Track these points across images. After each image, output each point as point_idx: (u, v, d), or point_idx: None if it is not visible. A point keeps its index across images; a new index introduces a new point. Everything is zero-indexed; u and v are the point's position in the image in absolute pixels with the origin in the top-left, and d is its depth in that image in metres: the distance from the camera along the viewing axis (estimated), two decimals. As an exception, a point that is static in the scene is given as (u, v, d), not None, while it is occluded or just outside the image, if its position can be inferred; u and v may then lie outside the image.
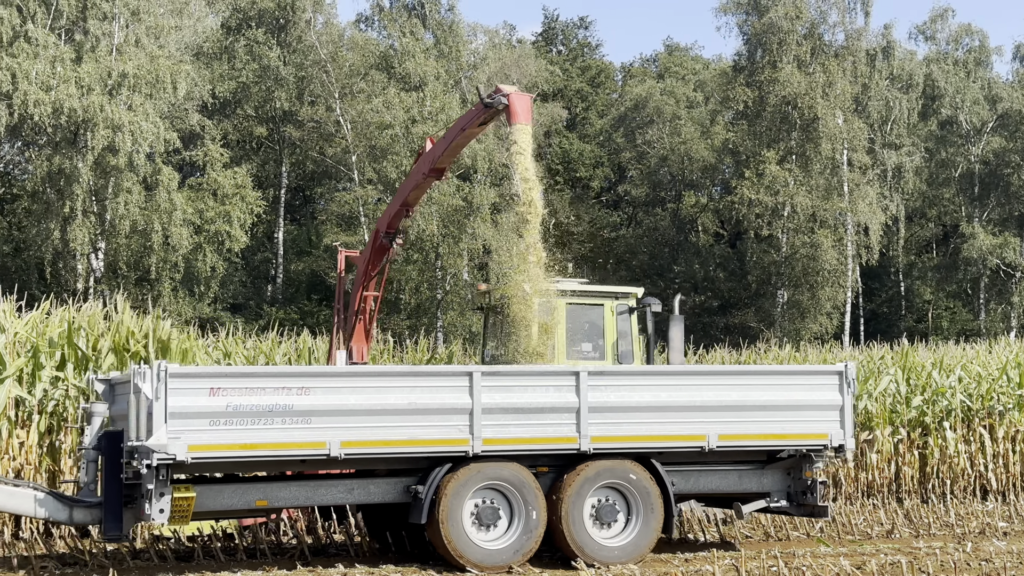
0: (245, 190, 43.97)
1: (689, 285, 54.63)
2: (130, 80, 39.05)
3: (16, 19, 38.43)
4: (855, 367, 15.16)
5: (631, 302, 17.83)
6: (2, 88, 37.14)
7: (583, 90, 64.39)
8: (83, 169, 38.58)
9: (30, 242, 41.28)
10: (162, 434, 12.52)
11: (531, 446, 13.89)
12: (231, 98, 49.98)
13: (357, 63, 48.47)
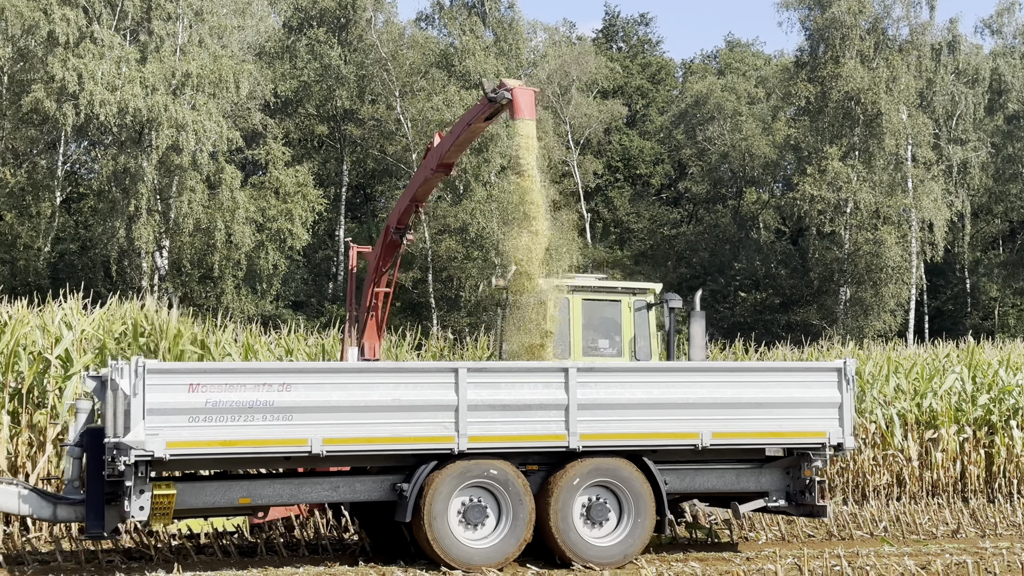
0: (307, 188, 44.29)
1: (750, 282, 54.30)
2: (193, 80, 39.48)
3: (82, 20, 38.98)
4: (854, 364, 14.70)
5: (649, 298, 17.57)
6: (69, 88, 37.67)
7: (643, 87, 64.18)
8: (148, 168, 39.06)
9: (96, 240, 41.84)
10: (140, 431, 12.35)
11: (518, 444, 13.60)
12: (293, 97, 50.35)
13: (417, 61, 48.64)
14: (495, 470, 13.50)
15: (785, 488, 14.79)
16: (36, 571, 13.52)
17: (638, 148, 59.99)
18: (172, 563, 13.79)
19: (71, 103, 37.95)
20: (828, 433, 14.37)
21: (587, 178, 54.44)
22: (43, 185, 42.01)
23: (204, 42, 41.31)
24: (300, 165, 46.37)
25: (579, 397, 13.70)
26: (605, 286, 17.78)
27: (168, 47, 40.46)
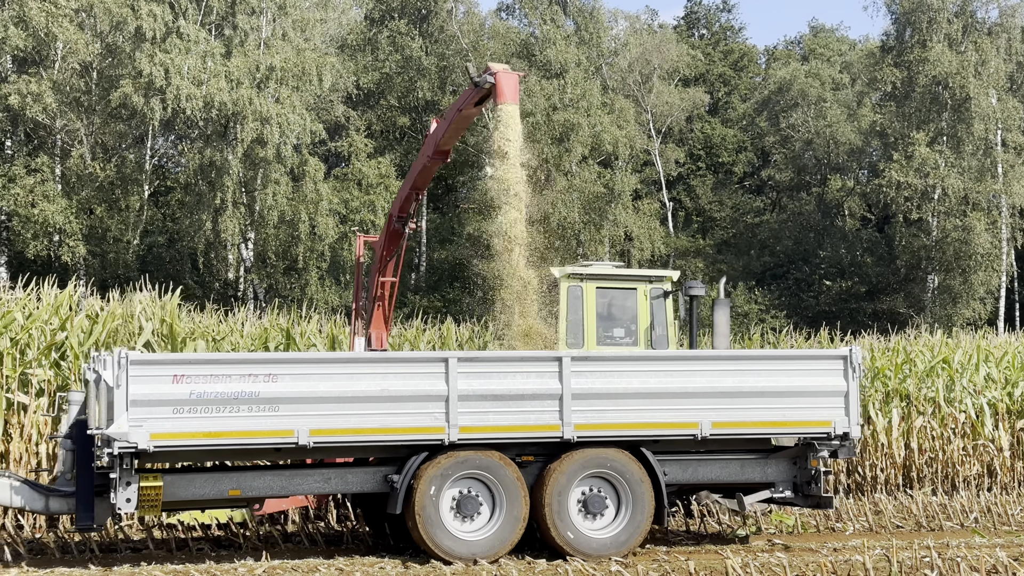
0: (389, 180, 44.56)
1: (835, 271, 53.64)
2: (277, 73, 39.89)
3: (168, 16, 39.54)
4: (860, 351, 14.30)
5: (666, 286, 17.31)
6: (156, 83, 38.25)
7: (725, 74, 63.65)
8: (233, 161, 39.56)
9: (183, 233, 42.46)
10: (123, 422, 12.29)
11: (511, 434, 13.38)
12: (375, 89, 50.66)
13: (498, 51, 48.66)
14: (488, 461, 13.31)
15: (792, 479, 14.46)
16: (128, 558, 13.76)
17: (720, 136, 59.51)
18: (260, 551, 13.97)
19: (158, 98, 38.53)
20: (833, 422, 14.03)
21: (669, 167, 54.13)
22: (132, 179, 42.71)
23: (287, 36, 41.71)
24: (382, 157, 46.66)
25: (573, 386, 13.46)
26: (620, 273, 17.48)
27: (252, 41, 40.92)
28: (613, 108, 47.86)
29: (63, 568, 12.99)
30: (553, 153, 45.23)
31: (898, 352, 22.83)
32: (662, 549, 14.33)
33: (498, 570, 12.77)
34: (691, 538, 15.61)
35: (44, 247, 40.45)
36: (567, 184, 45.29)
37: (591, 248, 45.73)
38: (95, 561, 13.40)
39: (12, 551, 13.89)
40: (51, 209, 39.51)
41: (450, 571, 12.71)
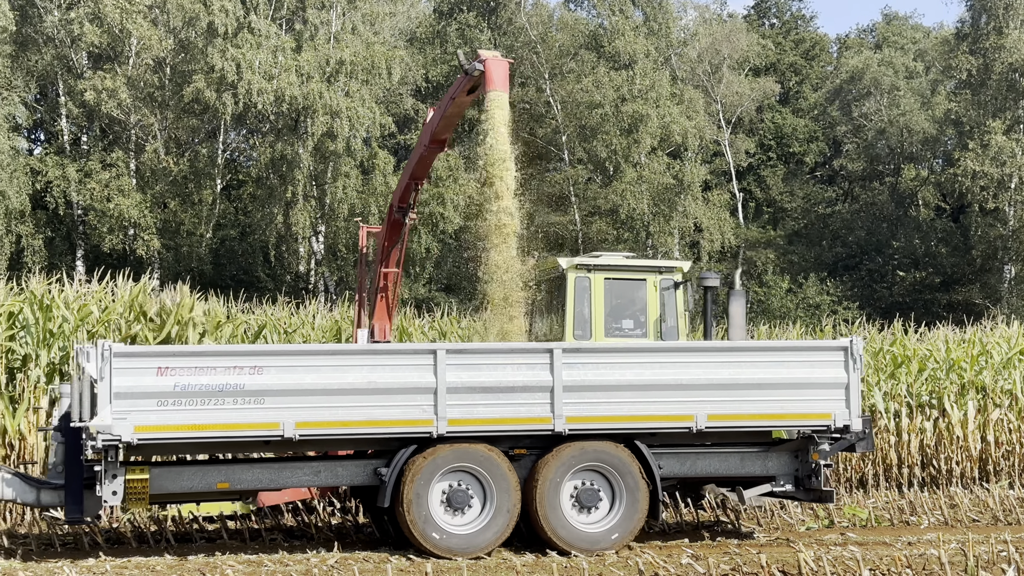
0: (458, 172, 44.63)
1: (909, 261, 52.94)
2: (347, 67, 40.13)
3: (240, 11, 39.92)
4: (861, 342, 14.01)
5: (677, 277, 17.17)
6: (228, 78, 38.64)
7: (796, 63, 63.00)
8: (303, 155, 39.87)
9: (255, 226, 42.88)
10: (106, 414, 12.29)
11: (501, 427, 13.24)
12: (443, 82, 50.75)
13: (566, 43, 48.57)
14: (478, 454, 13.18)
15: (793, 472, 14.19)
16: (203, 548, 13.91)
17: (791, 126, 58.93)
18: (333, 542, 14.07)
19: (230, 92, 38.92)
20: (834, 415, 13.78)
21: (739, 157, 53.71)
22: (204, 173, 43.19)
23: (357, 29, 41.93)
24: (451, 149, 46.75)
25: (565, 378, 13.30)
26: (629, 264, 17.32)
27: (322, 35, 41.18)
28: (682, 99, 47.57)
29: (139, 557, 13.18)
30: (622, 144, 45.06)
31: (974, 344, 22.50)
32: (733, 542, 14.25)
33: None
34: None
35: (119, 241, 41.05)
36: (636, 175, 45.10)
37: (660, 240, 45.52)
38: (171, 551, 13.58)
39: (90, 540, 14.12)
40: (126, 203, 40.08)
41: (520, 562, 12.71)
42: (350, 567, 12.37)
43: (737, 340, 16.38)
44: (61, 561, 12.88)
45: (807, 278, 50.22)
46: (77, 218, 42.85)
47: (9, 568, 12.58)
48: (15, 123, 41.04)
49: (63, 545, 14.17)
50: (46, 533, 14.87)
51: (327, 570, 12.39)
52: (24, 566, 12.67)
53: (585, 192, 47.54)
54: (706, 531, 15.36)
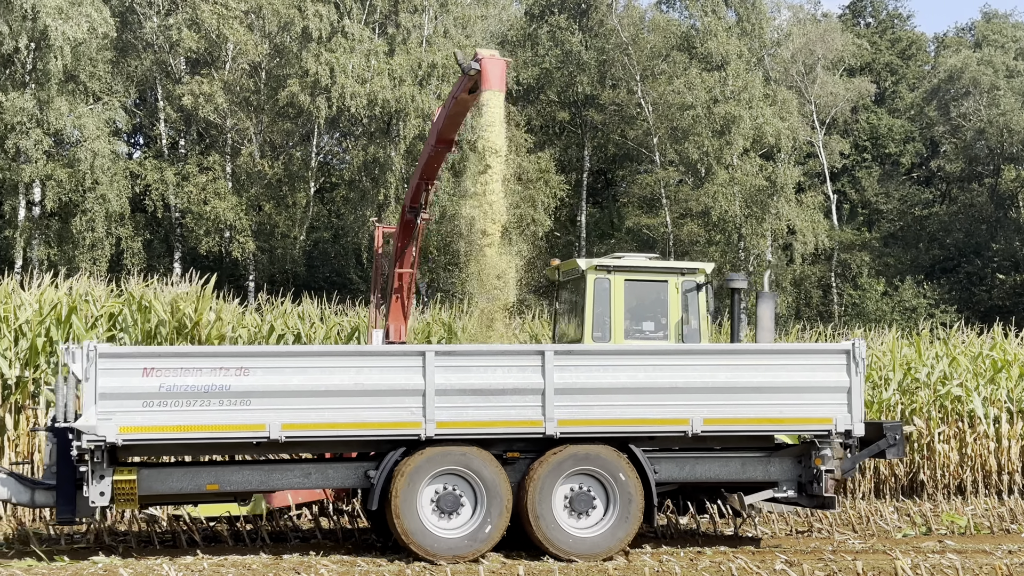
0: (548, 174, 44.67)
1: (1009, 264, 51.85)
2: (439, 70, 40.36)
3: (334, 16, 40.35)
4: (864, 345, 13.58)
5: (699, 278, 16.88)
6: (322, 82, 39.08)
7: (892, 63, 62.06)
8: (395, 157, 40.17)
9: (347, 228, 43.28)
10: (91, 415, 12.25)
11: (491, 430, 13.02)
12: (534, 84, 50.85)
13: (658, 44, 48.36)
14: (468, 457, 12.99)
15: (796, 478, 13.82)
16: (297, 547, 14.06)
17: (887, 126, 58.05)
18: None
19: (324, 96, 39.35)
20: (835, 419, 13.41)
21: (833, 158, 53.02)
22: (298, 176, 43.71)
23: (449, 32, 42.16)
24: (542, 151, 46.80)
25: (557, 381, 13.06)
26: (650, 265, 17.07)
27: (415, 39, 41.47)
28: (775, 100, 47.12)
29: (236, 556, 13.36)
30: (714, 146, 44.75)
31: (1077, 349, 21.98)
32: (827, 549, 14.07)
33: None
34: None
35: (215, 243, 41.71)
36: (728, 177, 44.75)
37: (752, 242, 45.12)
38: (266, 550, 13.74)
39: (187, 538, 14.35)
40: (222, 206, 40.72)
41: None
42: (442, 569, 12.42)
43: (764, 342, 16.15)
44: (160, 558, 13.10)
45: (903, 281, 49.43)
46: (175, 221, 43.62)
47: (110, 564, 12.83)
48: (115, 128, 41.90)
49: (162, 543, 14.42)
50: (145, 531, 15.14)
51: (419, 570, 12.46)
52: (124, 563, 12.92)
53: (676, 194, 47.28)
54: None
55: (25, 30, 37.05)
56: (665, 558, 13.19)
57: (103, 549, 13.82)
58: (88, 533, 14.75)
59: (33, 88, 38.13)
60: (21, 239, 38.74)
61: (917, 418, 21.49)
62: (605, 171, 56.46)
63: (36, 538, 14.53)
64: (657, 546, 14.10)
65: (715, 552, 13.83)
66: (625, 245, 48.19)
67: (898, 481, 21.28)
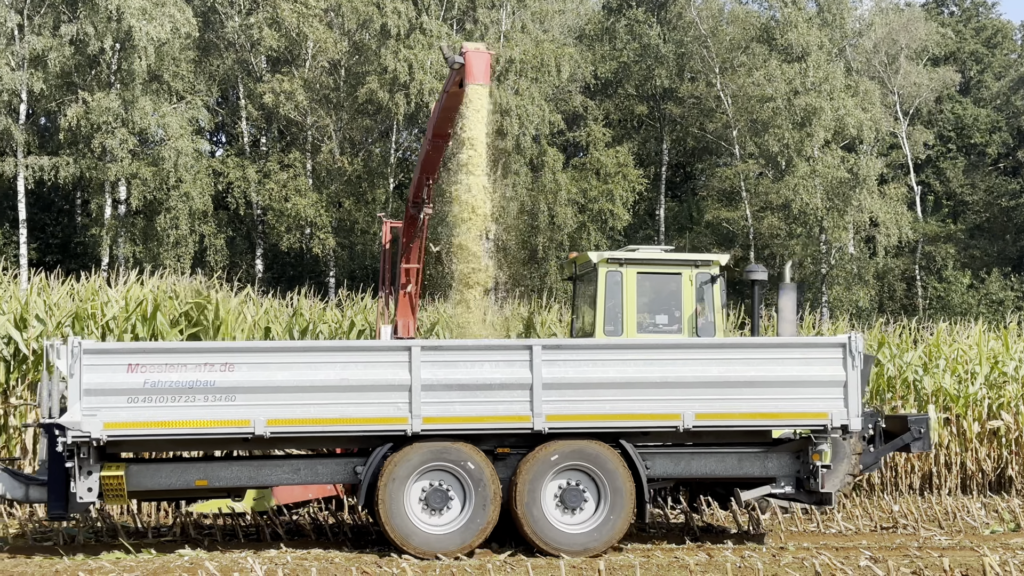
0: (627, 168, 44.52)
1: (1100, 256, 50.77)
2: (516, 65, 40.37)
3: (412, 12, 40.54)
4: (862, 339, 13.31)
5: (714, 271, 16.64)
6: (400, 79, 39.29)
7: (978, 52, 60.94)
8: (474, 153, 40.24)
9: (426, 224, 43.45)
10: (76, 411, 12.27)
11: (477, 425, 12.97)
12: (612, 78, 50.69)
13: (737, 36, 47.95)
14: (456, 453, 12.94)
15: (795, 474, 13.59)
16: (379, 541, 14.16)
17: (972, 116, 57.02)
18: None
19: (402, 93, 39.56)
20: (831, 414, 13.16)
21: (917, 149, 52.23)
22: (377, 172, 43.99)
23: (526, 28, 42.16)
24: (620, 145, 46.65)
25: (545, 376, 12.95)
26: (663, 258, 16.90)
27: (492, 34, 41.51)
28: (857, 91, 46.49)
29: (318, 549, 13.49)
30: (794, 138, 44.27)
31: None
32: (913, 545, 13.88)
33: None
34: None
35: (296, 240, 42.12)
36: (809, 170, 44.25)
37: (834, 235, 44.60)
38: (348, 545, 13.86)
39: (271, 532, 14.52)
40: (303, 203, 41.10)
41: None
42: (522, 563, 12.43)
43: (786, 334, 15.99)
44: (244, 552, 13.27)
45: (989, 273, 48.55)
46: (256, 218, 44.12)
47: (196, 557, 13.03)
48: (198, 126, 42.48)
49: (246, 536, 14.60)
50: (230, 525, 15.34)
51: (500, 564, 12.48)
52: (210, 556, 13.10)
53: (756, 187, 46.87)
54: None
55: (110, 31, 37.68)
56: (747, 554, 13.09)
57: (188, 542, 14.02)
58: (174, 527, 14.98)
59: (118, 88, 38.78)
60: (107, 237, 39.41)
61: (1005, 412, 21.13)
62: (684, 164, 56.13)
63: (124, 531, 14.78)
64: (737, 543, 13.99)
65: (797, 548, 13.71)
66: (704, 239, 47.90)
67: (985, 476, 20.94)
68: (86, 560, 12.94)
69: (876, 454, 17.19)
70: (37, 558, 13.16)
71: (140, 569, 12.26)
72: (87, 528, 15.08)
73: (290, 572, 11.93)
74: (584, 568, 12.26)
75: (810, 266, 45.13)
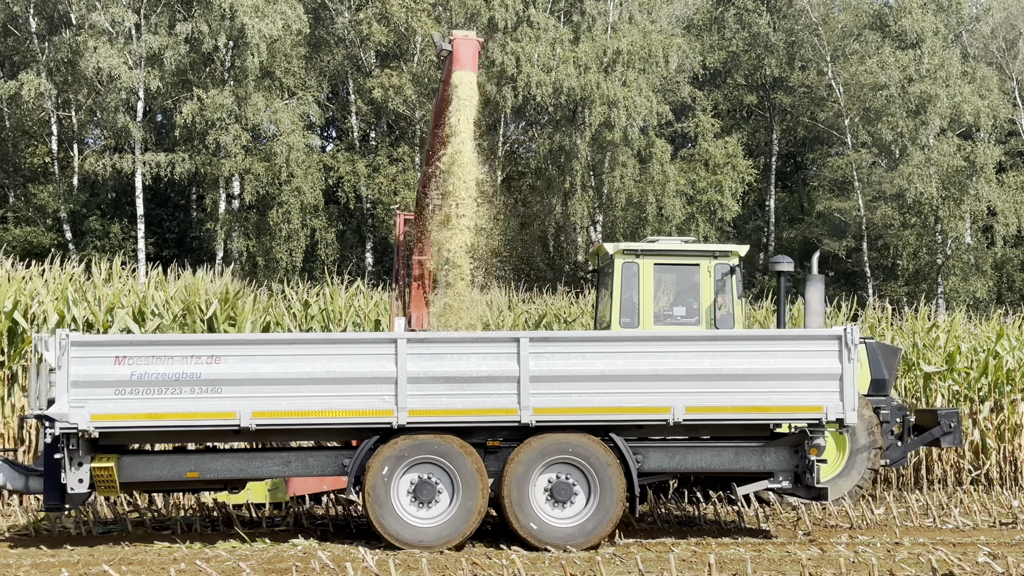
0: (736, 159, 44.08)
1: None
2: (624, 56, 40.20)
3: (519, 5, 40.58)
4: (857, 331, 12.88)
5: (733, 261, 16.33)
6: (507, 72, 39.37)
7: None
8: (581, 145, 40.21)
9: (534, 217, 43.56)
10: (63, 403, 12.31)
11: (464, 418, 12.87)
12: (721, 68, 50.23)
13: (849, 24, 47.19)
14: (445, 446, 12.85)
15: (793, 468, 13.32)
16: (484, 534, 14.21)
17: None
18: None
19: (510, 86, 39.64)
20: (826, 408, 12.84)
21: (1037, 136, 50.90)
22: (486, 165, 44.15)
23: (634, 19, 41.95)
24: (729, 136, 46.21)
25: (532, 368, 12.81)
26: (680, 249, 16.64)
27: (599, 26, 41.38)
28: (974, 77, 45.45)
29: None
30: (908, 126, 43.43)
31: None
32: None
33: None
34: None
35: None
36: (924, 158, 43.38)
37: (950, 224, 43.67)
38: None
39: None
40: (412, 197, 41.40)
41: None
42: (632, 555, 12.40)
43: (813, 326, 15.75)
44: (357, 542, 13.45)
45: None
46: (366, 212, 44.59)
47: (309, 547, 13.23)
48: (309, 122, 43.05)
49: (358, 528, 14.77)
50: (343, 515, 15.54)
51: (609, 558, 12.46)
52: (322, 546, 13.29)
53: (869, 177, 46.09)
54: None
55: (224, 29, 38.36)
56: (861, 548, 12.90)
57: (302, 532, 14.25)
58: (288, 517, 15.22)
59: (231, 85, 39.47)
60: (221, 231, 40.16)
61: None
62: (794, 154, 55.42)
63: (239, 520, 15.07)
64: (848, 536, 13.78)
65: (913, 543, 13.47)
66: (815, 229, 47.24)
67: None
68: (203, 549, 13.21)
69: (904, 448, 17.08)
70: (157, 545, 13.47)
71: (255, 558, 12.49)
72: (203, 517, 15.39)
73: (401, 563, 12.05)
74: (694, 562, 12.18)
75: (925, 256, 44.25)
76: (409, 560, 12.23)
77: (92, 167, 40.51)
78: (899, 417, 17.07)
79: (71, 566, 12.06)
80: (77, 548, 13.27)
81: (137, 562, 12.43)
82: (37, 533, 14.43)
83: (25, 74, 39.19)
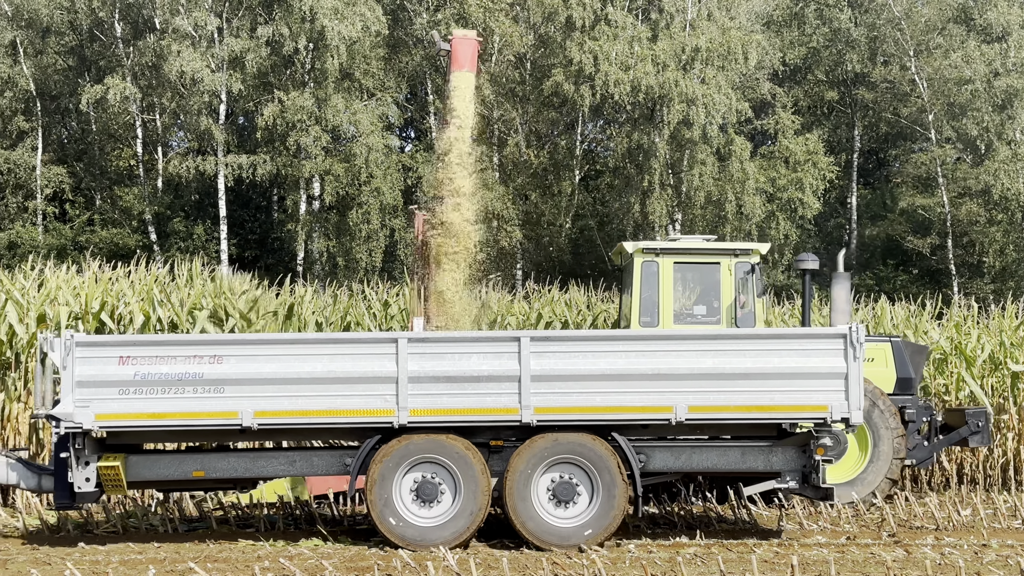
0: (817, 156, 43.61)
1: None
2: (703, 54, 39.96)
3: (597, 4, 40.52)
4: (863, 330, 12.61)
5: (753, 260, 16.12)
6: (585, 70, 39.32)
7: None
8: (660, 143, 40.04)
9: (612, 216, 43.46)
10: (68, 403, 12.39)
11: (465, 417, 12.87)
12: (801, 64, 49.75)
13: (933, 18, 46.48)
14: (446, 445, 12.81)
15: (800, 468, 13.12)
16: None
17: None
18: (695, 530, 14.06)
19: (588, 84, 39.58)
20: (830, 407, 12.66)
21: None
22: (563, 164, 44.14)
23: (712, 16, 41.69)
24: (810, 133, 45.74)
25: (533, 368, 12.74)
26: (700, 247, 16.46)
27: (678, 23, 41.18)
28: (1062, 70, 44.56)
29: (508, 539, 13.62)
30: (994, 121, 42.69)
31: None
32: None
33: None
34: None
35: (484, 233, 42.56)
36: (1010, 153, 42.60)
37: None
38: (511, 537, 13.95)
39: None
40: (490, 196, 41.51)
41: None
42: (713, 556, 12.33)
43: (839, 324, 15.52)
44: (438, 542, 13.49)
45: None
46: (445, 211, 44.74)
47: (390, 545, 13.32)
48: (388, 122, 43.34)
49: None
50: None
51: (690, 558, 12.40)
52: (403, 543, 13.37)
53: (954, 173, 45.37)
54: None
55: (304, 31, 38.77)
56: (947, 550, 12.71)
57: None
58: (369, 515, 15.30)
59: (312, 87, 39.86)
60: (302, 232, 40.57)
61: None
62: (876, 151, 54.70)
63: (321, 519, 15.21)
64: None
65: (1001, 545, 13.26)
66: (898, 227, 46.60)
67: None
68: (286, 547, 13.37)
69: (931, 448, 16.92)
70: (241, 543, 13.65)
71: (337, 556, 12.61)
72: (285, 515, 15.56)
73: (482, 562, 12.10)
74: (775, 563, 12.08)
75: (1012, 254, 43.46)
76: (490, 560, 12.27)
77: (176, 169, 41.15)
78: (926, 416, 16.95)
79: (158, 563, 12.26)
80: (164, 545, 13.50)
81: (222, 560, 12.60)
82: (124, 530, 14.68)
83: (111, 78, 39.91)
